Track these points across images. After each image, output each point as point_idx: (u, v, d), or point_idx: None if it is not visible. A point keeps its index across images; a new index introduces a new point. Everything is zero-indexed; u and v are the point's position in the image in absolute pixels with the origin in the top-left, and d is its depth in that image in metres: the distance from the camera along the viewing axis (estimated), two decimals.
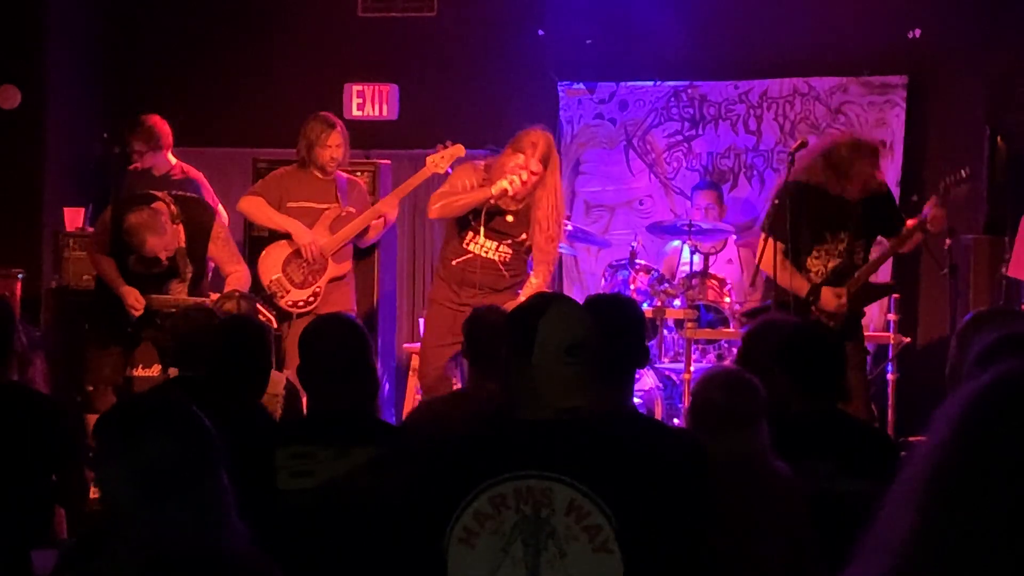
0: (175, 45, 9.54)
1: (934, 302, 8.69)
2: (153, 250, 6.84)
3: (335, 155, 7.34)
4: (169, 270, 6.98)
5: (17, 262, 8.43)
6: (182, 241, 6.98)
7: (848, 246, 6.55)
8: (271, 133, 9.02)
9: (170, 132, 7.95)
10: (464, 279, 6.98)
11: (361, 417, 3.72)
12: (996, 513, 1.38)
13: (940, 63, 8.89)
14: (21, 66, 8.90)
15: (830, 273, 6.52)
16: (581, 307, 2.92)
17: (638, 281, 7.90)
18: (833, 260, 6.55)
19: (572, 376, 2.81)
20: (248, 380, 4.27)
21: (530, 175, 6.81)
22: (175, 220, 6.93)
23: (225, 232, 7.12)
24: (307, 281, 7.35)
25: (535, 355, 2.82)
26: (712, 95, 9.19)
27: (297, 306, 7.28)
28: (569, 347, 2.81)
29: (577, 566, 2.70)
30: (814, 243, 6.50)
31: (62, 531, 4.48)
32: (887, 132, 8.87)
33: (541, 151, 6.82)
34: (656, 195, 9.28)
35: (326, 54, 9.51)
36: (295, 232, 7.31)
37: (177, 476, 2.59)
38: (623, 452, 2.83)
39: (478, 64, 9.41)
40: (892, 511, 1.46)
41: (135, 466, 2.61)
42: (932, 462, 1.43)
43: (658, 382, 7.72)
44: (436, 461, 2.95)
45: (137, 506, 2.60)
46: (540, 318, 2.84)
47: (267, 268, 7.39)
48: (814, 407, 4.08)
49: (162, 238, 6.84)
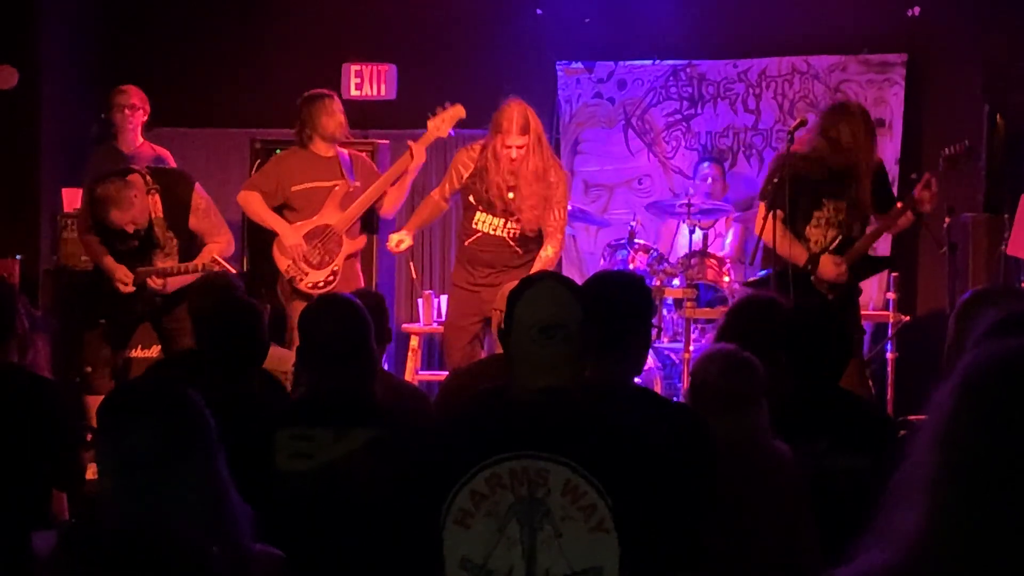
0: (172, 25, 9.52)
1: (933, 281, 8.68)
2: (117, 222, 6.84)
3: (341, 120, 7.34)
4: (148, 242, 6.95)
5: (15, 244, 8.42)
6: (159, 211, 6.95)
7: (847, 217, 6.52)
8: (269, 113, 9.00)
9: (144, 100, 7.90)
10: (476, 259, 7.00)
11: (361, 398, 3.71)
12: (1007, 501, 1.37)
13: (939, 41, 8.87)
14: (16, 46, 8.87)
15: (829, 243, 6.51)
16: (564, 287, 2.89)
17: (637, 260, 7.90)
18: (832, 230, 6.53)
19: (545, 356, 2.82)
20: (244, 358, 4.26)
21: (516, 149, 6.79)
22: (150, 190, 6.92)
23: (205, 203, 7.07)
24: (324, 261, 7.35)
25: (512, 335, 2.85)
26: (711, 74, 9.17)
27: (318, 287, 7.26)
28: (543, 328, 2.81)
29: (573, 546, 2.70)
30: (813, 209, 6.48)
31: (62, 512, 4.48)
32: (886, 110, 8.86)
33: (518, 123, 6.80)
34: (655, 174, 9.27)
35: (324, 34, 9.48)
36: (281, 232, 7.31)
37: (161, 465, 2.61)
38: (619, 432, 2.83)
39: (476, 44, 9.38)
40: (897, 501, 1.46)
41: (119, 455, 2.63)
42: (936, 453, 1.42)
43: (657, 362, 7.73)
44: (432, 442, 2.95)
45: (119, 493, 2.61)
46: (518, 299, 2.86)
47: (283, 254, 7.39)
48: (811, 385, 4.08)
49: (127, 211, 6.81)
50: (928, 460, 1.42)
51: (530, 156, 6.82)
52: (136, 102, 7.86)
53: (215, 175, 8.23)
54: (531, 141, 6.81)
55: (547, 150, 6.97)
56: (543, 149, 6.90)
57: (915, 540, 1.39)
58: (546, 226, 6.92)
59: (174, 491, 2.60)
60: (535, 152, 6.83)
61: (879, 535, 1.45)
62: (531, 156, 6.82)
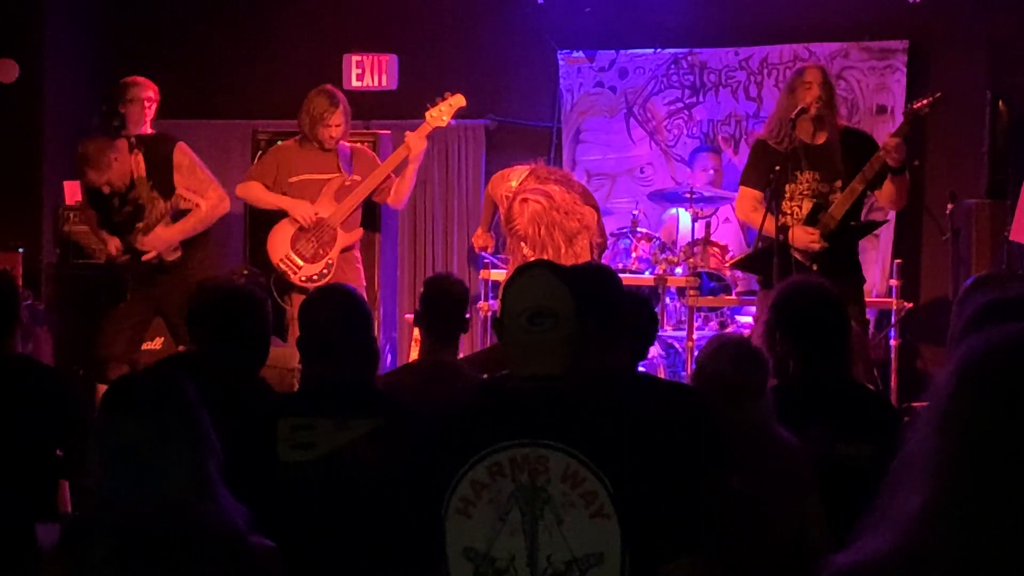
0: (173, 17, 9.51)
1: (936, 267, 8.68)
2: (93, 182, 6.90)
3: (334, 134, 7.34)
4: (134, 204, 6.99)
5: (18, 236, 8.43)
6: (141, 171, 6.98)
7: (821, 185, 6.52)
8: (271, 105, 9.00)
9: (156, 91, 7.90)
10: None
11: (361, 388, 3.71)
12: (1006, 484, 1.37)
13: (941, 27, 8.86)
14: (18, 40, 8.87)
15: (807, 214, 6.52)
16: (554, 275, 2.90)
17: (640, 249, 7.90)
18: (807, 201, 6.53)
19: (535, 344, 2.83)
20: (247, 351, 4.26)
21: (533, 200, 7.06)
22: (133, 149, 6.96)
23: (188, 160, 7.09)
24: (318, 254, 7.35)
25: (503, 323, 2.87)
26: (712, 62, 9.16)
27: (312, 280, 7.27)
28: (531, 315, 2.82)
29: (575, 532, 2.71)
30: (786, 183, 6.51)
31: (64, 504, 4.48)
32: (888, 97, 8.85)
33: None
34: (657, 163, 9.26)
35: (325, 25, 9.48)
36: (289, 207, 7.33)
37: (147, 457, 2.63)
38: (617, 417, 2.83)
39: (477, 33, 9.37)
40: (899, 484, 1.46)
41: (107, 445, 2.66)
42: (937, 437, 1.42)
43: (661, 350, 7.72)
44: (433, 432, 2.95)
45: (107, 484, 2.64)
46: (509, 288, 2.88)
47: (275, 248, 7.39)
48: (815, 372, 4.08)
49: (103, 172, 6.87)
50: (927, 445, 1.42)
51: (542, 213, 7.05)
52: (152, 94, 7.86)
53: (217, 166, 8.21)
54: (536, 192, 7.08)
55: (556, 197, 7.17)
56: (552, 201, 7.14)
57: (915, 524, 1.39)
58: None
59: (160, 484, 2.62)
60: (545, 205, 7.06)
61: (879, 519, 1.45)
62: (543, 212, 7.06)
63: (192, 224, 7.08)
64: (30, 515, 4.09)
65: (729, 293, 7.80)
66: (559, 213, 7.10)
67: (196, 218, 7.07)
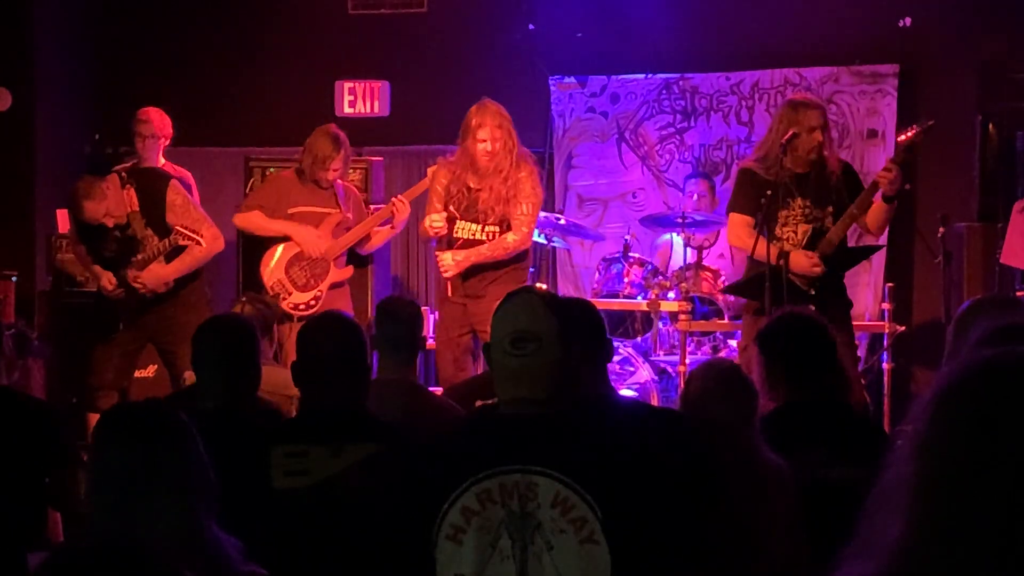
0: (165, 44, 9.54)
1: (928, 290, 8.69)
2: (92, 214, 6.88)
3: (331, 177, 7.39)
4: (130, 242, 6.98)
5: (11, 264, 8.43)
6: (135, 205, 6.98)
7: (815, 211, 6.53)
8: (263, 132, 9.02)
9: (169, 123, 7.89)
10: None
11: (356, 415, 3.71)
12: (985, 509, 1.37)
13: (931, 51, 8.90)
14: (10, 67, 8.89)
15: (803, 239, 6.53)
16: (539, 299, 2.90)
17: (632, 274, 7.91)
18: (803, 226, 6.54)
19: (518, 368, 2.82)
20: (240, 379, 4.26)
21: (492, 143, 6.90)
22: (125, 184, 6.95)
23: (182, 199, 7.08)
24: (309, 284, 7.37)
25: (490, 349, 2.88)
26: (703, 87, 9.19)
27: (299, 308, 7.29)
28: (514, 339, 2.83)
29: (565, 558, 2.70)
30: (779, 210, 6.51)
31: (58, 535, 4.47)
32: (879, 121, 8.88)
33: (488, 122, 6.92)
34: (649, 188, 9.28)
35: (317, 52, 9.51)
36: (294, 234, 7.35)
37: (138, 484, 2.64)
38: (606, 442, 2.83)
39: (469, 59, 9.41)
40: (880, 511, 1.46)
41: (99, 471, 2.67)
42: (916, 462, 1.43)
43: (653, 375, 7.73)
44: (424, 458, 2.95)
45: (97, 509, 2.65)
46: (496, 314, 2.90)
47: (270, 271, 7.41)
48: (805, 396, 4.08)
49: (100, 202, 6.85)
50: (908, 469, 1.42)
51: (501, 152, 6.90)
52: (169, 131, 7.87)
53: (210, 194, 8.23)
54: (502, 135, 6.89)
55: (516, 146, 7.05)
56: (513, 144, 6.99)
57: (896, 550, 1.40)
58: (512, 219, 6.98)
59: (150, 512, 2.63)
60: (506, 147, 6.94)
61: (861, 545, 1.46)
62: (502, 151, 6.91)
63: (188, 263, 7.06)
64: (21, 543, 4.09)
65: (721, 317, 7.81)
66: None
67: (192, 257, 7.05)
